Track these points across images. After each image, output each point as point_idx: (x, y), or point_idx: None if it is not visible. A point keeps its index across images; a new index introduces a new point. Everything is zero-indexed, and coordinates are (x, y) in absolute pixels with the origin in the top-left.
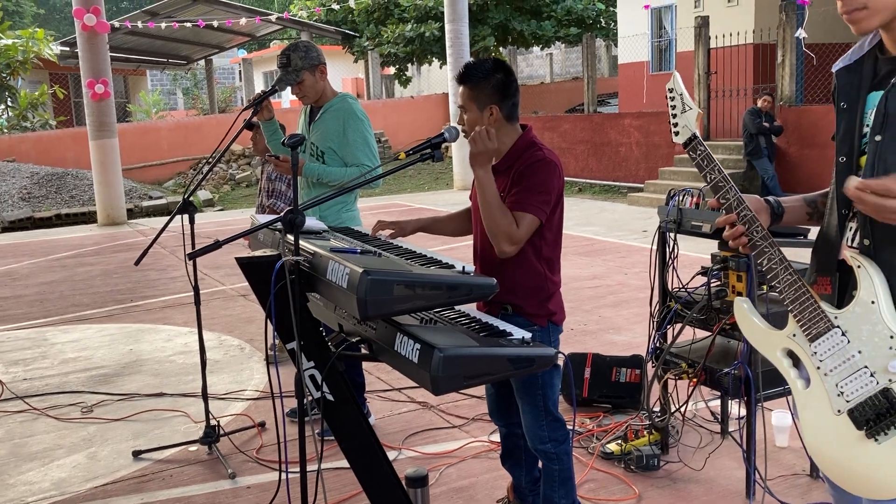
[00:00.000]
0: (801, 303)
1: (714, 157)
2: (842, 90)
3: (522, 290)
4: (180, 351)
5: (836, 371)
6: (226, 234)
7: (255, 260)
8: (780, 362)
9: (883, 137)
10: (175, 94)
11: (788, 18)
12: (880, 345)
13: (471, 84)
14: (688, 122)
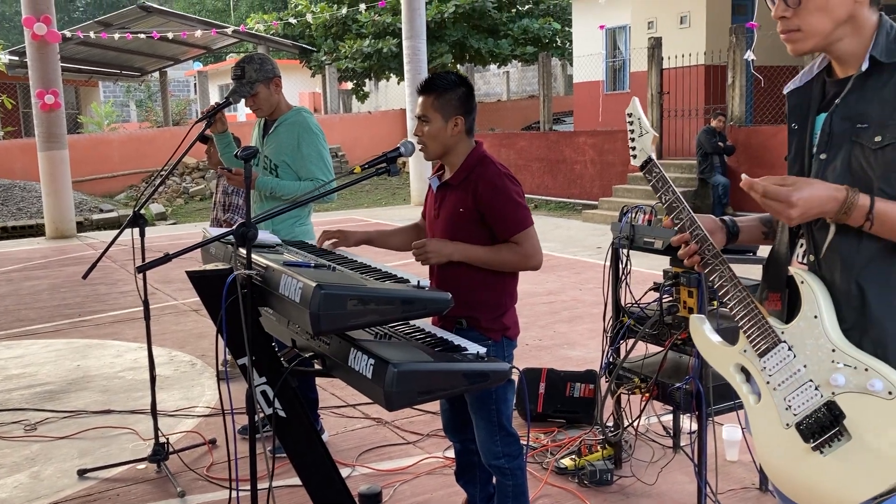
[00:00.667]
0: (750, 319)
1: (668, 179)
2: (793, 111)
3: (479, 304)
4: (129, 367)
5: (783, 385)
6: (178, 248)
7: (206, 274)
8: (733, 378)
9: (827, 156)
10: (128, 106)
11: (738, 41)
12: (823, 358)
13: (436, 93)
14: (644, 145)
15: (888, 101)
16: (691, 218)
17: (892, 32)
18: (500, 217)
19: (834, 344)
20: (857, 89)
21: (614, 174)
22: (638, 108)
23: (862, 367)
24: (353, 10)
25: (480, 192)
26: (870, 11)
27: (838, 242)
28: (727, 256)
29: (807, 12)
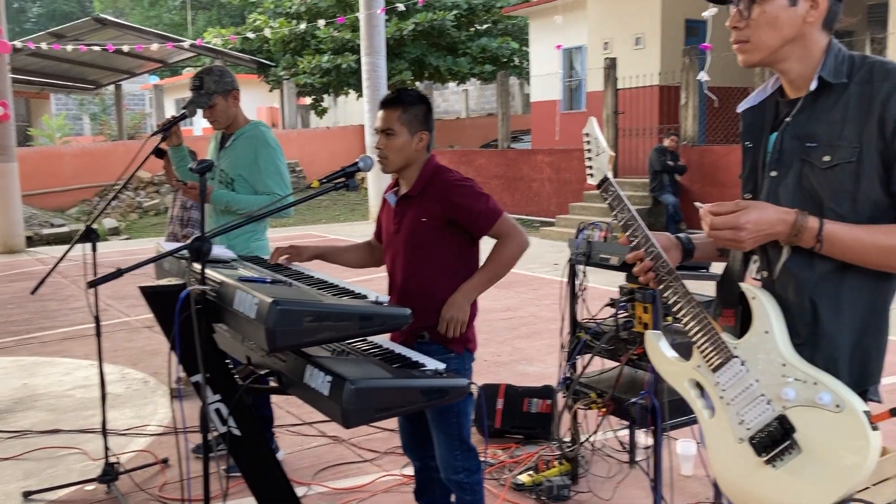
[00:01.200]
0: (704, 334)
1: (624, 197)
2: (747, 129)
3: None
4: (79, 385)
5: (737, 400)
6: (131, 263)
7: (159, 289)
8: (688, 393)
9: (778, 174)
10: (81, 120)
11: (691, 62)
12: (774, 373)
13: (403, 107)
14: (601, 164)
15: (836, 122)
16: (646, 235)
17: (840, 55)
18: (475, 213)
19: (784, 358)
20: (806, 109)
21: (571, 192)
22: (595, 128)
23: (811, 381)
24: (312, 25)
25: (452, 197)
26: (820, 34)
27: (792, 260)
28: (681, 273)
29: (757, 25)
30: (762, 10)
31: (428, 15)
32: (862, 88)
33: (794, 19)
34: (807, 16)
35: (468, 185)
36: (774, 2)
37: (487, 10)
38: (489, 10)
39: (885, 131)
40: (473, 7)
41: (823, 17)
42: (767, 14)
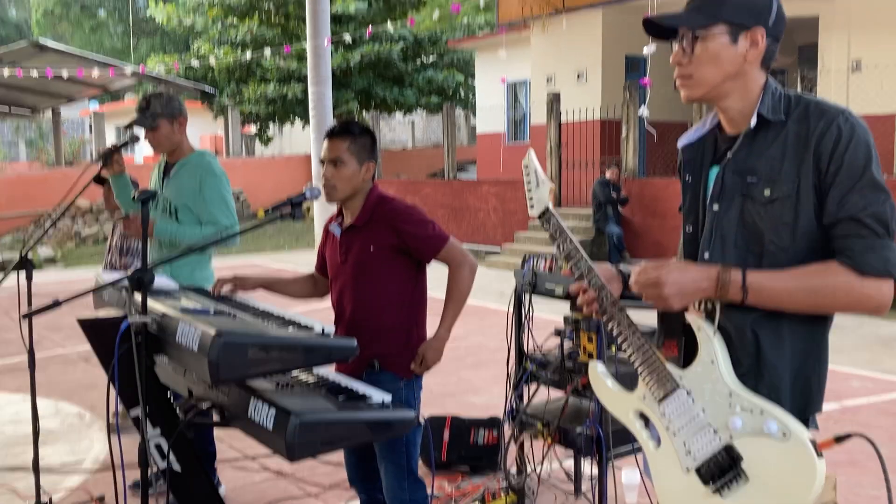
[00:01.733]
0: (649, 365)
1: (565, 228)
2: (687, 164)
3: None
4: (10, 420)
5: (683, 430)
6: (68, 294)
7: (98, 321)
8: (633, 424)
9: (720, 207)
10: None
11: (631, 97)
12: (721, 402)
13: (352, 138)
14: (541, 196)
15: (776, 157)
16: (588, 266)
17: (776, 93)
18: (421, 239)
19: (730, 388)
20: (746, 145)
21: (516, 222)
22: (534, 160)
23: (757, 410)
24: (258, 54)
25: (397, 224)
26: (759, 73)
27: None
28: (625, 303)
29: (700, 62)
30: (704, 48)
31: (375, 46)
32: (799, 126)
33: (735, 57)
34: (747, 54)
35: (413, 212)
36: (716, 39)
37: (434, 43)
38: (435, 43)
39: (819, 165)
40: (420, 40)
41: (762, 55)
42: (709, 51)
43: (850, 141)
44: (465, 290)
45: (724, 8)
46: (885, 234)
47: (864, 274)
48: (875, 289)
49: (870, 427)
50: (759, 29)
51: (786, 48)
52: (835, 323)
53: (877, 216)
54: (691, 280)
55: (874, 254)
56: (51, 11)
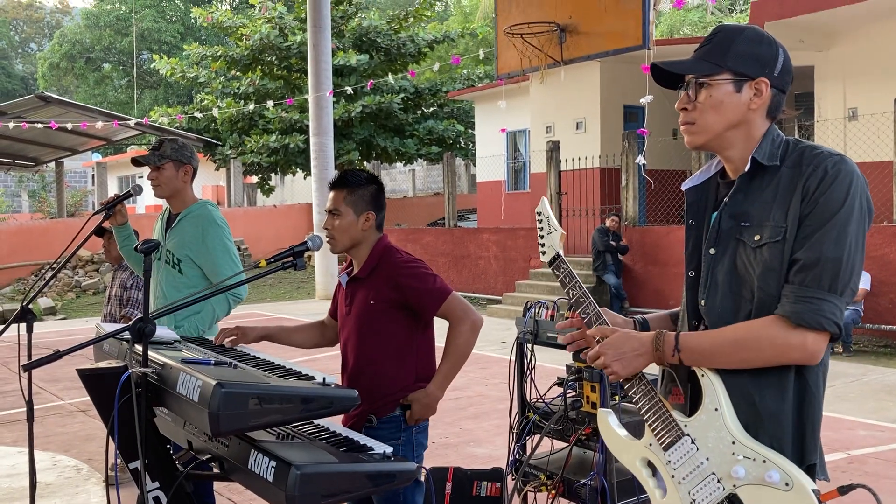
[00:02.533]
0: (655, 412)
1: (575, 274)
2: (690, 208)
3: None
4: (6, 474)
5: (688, 479)
6: (68, 345)
7: (98, 371)
8: (640, 472)
9: (716, 252)
10: (20, 197)
11: (630, 146)
12: (724, 451)
13: (349, 189)
14: (553, 242)
15: (767, 202)
16: (597, 312)
17: (777, 139)
18: (422, 293)
19: (734, 436)
20: (741, 189)
21: (517, 270)
22: (547, 208)
23: (760, 459)
24: (260, 106)
25: (399, 280)
26: (763, 122)
27: None
28: None
29: (703, 109)
30: (709, 95)
31: (376, 98)
32: (792, 171)
33: (738, 105)
34: (750, 103)
35: (415, 266)
36: (720, 88)
37: (434, 93)
38: (435, 94)
39: (802, 208)
40: (420, 91)
41: (767, 105)
42: (713, 99)
43: (833, 182)
44: (463, 348)
45: (728, 57)
46: (829, 289)
47: (795, 325)
48: (799, 340)
49: (878, 477)
50: (763, 79)
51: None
52: (839, 370)
53: (827, 268)
54: (631, 348)
55: (808, 305)
56: (56, 65)
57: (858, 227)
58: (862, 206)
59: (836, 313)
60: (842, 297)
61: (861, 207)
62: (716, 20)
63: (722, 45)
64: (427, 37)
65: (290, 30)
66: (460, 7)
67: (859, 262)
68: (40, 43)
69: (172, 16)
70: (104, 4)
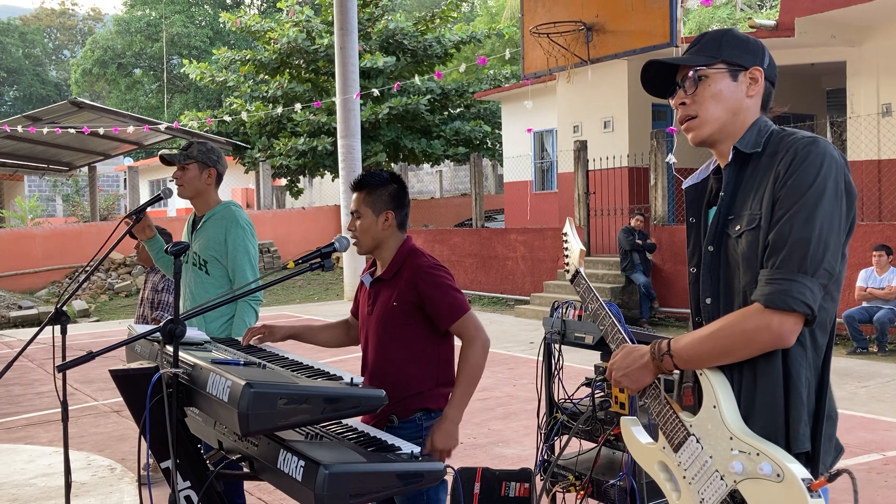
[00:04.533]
0: (664, 415)
1: (593, 289)
2: (690, 205)
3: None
4: (43, 473)
5: (697, 479)
6: (101, 346)
7: (130, 372)
8: (657, 475)
9: (713, 249)
10: (54, 201)
11: (659, 145)
12: (724, 447)
13: (367, 189)
14: (573, 259)
15: (747, 192)
16: (612, 323)
17: (764, 129)
18: (439, 305)
19: (731, 431)
20: (730, 183)
21: (545, 270)
22: (571, 228)
23: (754, 452)
24: (289, 109)
25: (418, 284)
26: (757, 113)
27: None
28: None
29: (703, 99)
30: (707, 86)
31: (402, 99)
32: (769, 159)
33: (736, 92)
34: (748, 90)
35: (438, 275)
36: (718, 78)
37: (460, 94)
38: (462, 95)
39: (774, 192)
40: (447, 92)
41: (761, 96)
42: (711, 88)
43: (802, 164)
44: (477, 369)
45: (722, 49)
46: (798, 269)
47: (765, 307)
48: (764, 322)
49: None
50: (756, 68)
51: (813, 93)
52: (874, 370)
53: (796, 249)
54: (632, 361)
55: (776, 286)
56: (89, 71)
57: (832, 207)
58: (838, 186)
59: (806, 293)
60: (814, 278)
61: (837, 187)
62: (745, 16)
63: (712, 42)
64: (453, 38)
65: (317, 33)
66: (486, 8)
67: (834, 241)
68: (73, 50)
69: (202, 21)
70: (135, 11)
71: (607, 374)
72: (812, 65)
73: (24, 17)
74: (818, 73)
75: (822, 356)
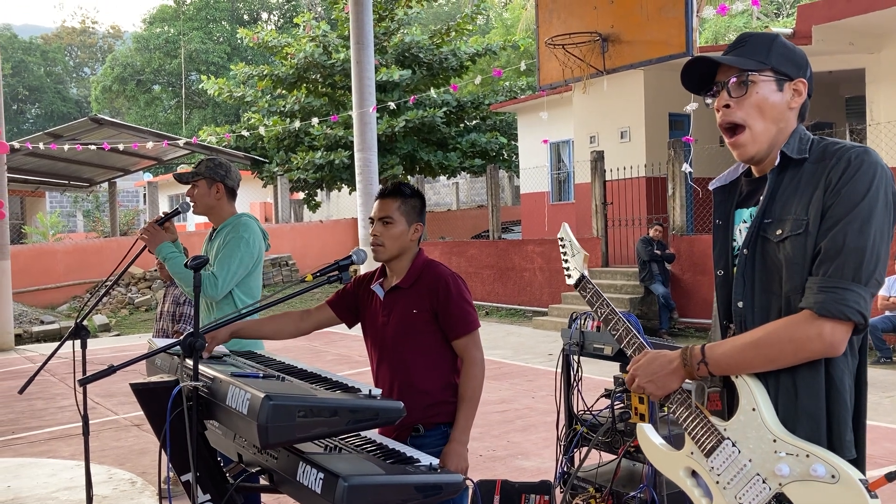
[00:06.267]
0: (693, 419)
1: (602, 293)
2: (717, 207)
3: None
4: (65, 486)
5: (733, 483)
6: (121, 360)
7: (151, 385)
8: (684, 482)
9: (749, 252)
10: (75, 217)
11: (676, 154)
12: (766, 450)
13: (403, 198)
14: (577, 264)
15: (789, 197)
16: (626, 327)
17: (804, 137)
18: (452, 316)
19: (774, 434)
20: (771, 186)
21: (562, 281)
22: (568, 232)
23: (803, 454)
24: (306, 123)
25: (439, 291)
26: (796, 122)
27: None
28: None
29: (748, 106)
30: (755, 91)
31: (418, 112)
32: (814, 166)
33: (781, 104)
34: (791, 101)
35: (458, 285)
36: (766, 85)
37: (476, 106)
38: (478, 107)
39: (825, 200)
40: (463, 104)
41: (800, 107)
42: (759, 96)
43: (856, 173)
44: (480, 390)
45: (771, 56)
46: (853, 279)
47: (819, 316)
48: (816, 330)
49: None
50: (801, 80)
51: (832, 101)
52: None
53: (850, 258)
54: (659, 366)
55: (831, 294)
56: (108, 88)
57: (883, 218)
58: (887, 198)
59: (861, 303)
60: (867, 287)
61: (886, 199)
62: (761, 25)
63: (761, 46)
64: (469, 50)
65: (333, 48)
66: (501, 20)
67: (885, 252)
68: (93, 67)
69: (219, 37)
70: (153, 28)
71: (628, 379)
72: (830, 72)
73: (46, 36)
74: (836, 80)
75: (857, 361)
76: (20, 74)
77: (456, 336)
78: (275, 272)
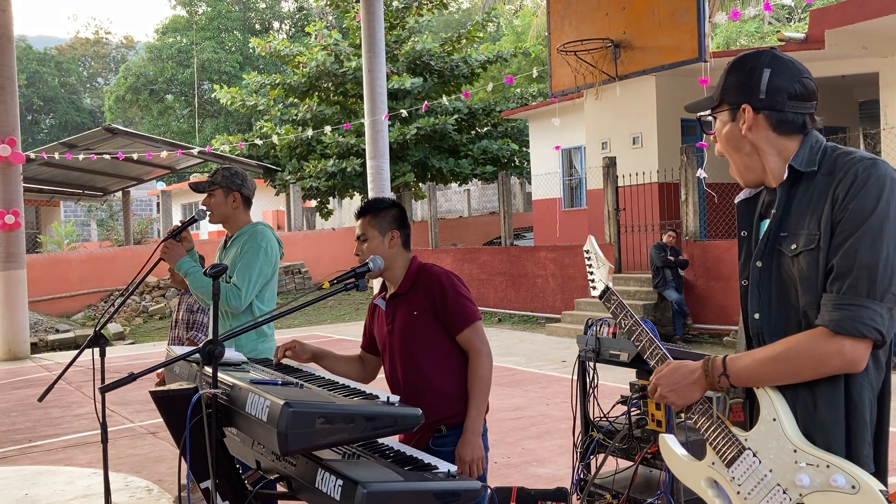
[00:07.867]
0: (715, 430)
1: (626, 305)
2: (741, 219)
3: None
4: (82, 494)
5: (753, 493)
6: (137, 368)
7: (170, 393)
8: (705, 492)
9: (763, 264)
10: (89, 226)
11: (689, 160)
12: (787, 460)
13: (371, 213)
14: (602, 276)
15: (803, 210)
16: (650, 338)
17: (816, 145)
18: (452, 312)
19: (795, 444)
20: (783, 199)
21: (575, 287)
22: (594, 245)
23: (823, 464)
24: (318, 131)
25: (433, 288)
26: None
27: None
28: None
29: (719, 140)
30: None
31: (430, 119)
32: (826, 178)
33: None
34: (742, 129)
35: (452, 280)
36: (721, 120)
37: (487, 113)
38: (489, 114)
39: (833, 214)
40: (474, 111)
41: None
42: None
43: (864, 188)
44: (488, 381)
45: (722, 90)
46: (867, 295)
47: (835, 334)
48: (836, 348)
49: None
50: (744, 106)
51: (845, 105)
52: None
53: (863, 274)
54: (682, 376)
55: (846, 312)
56: (122, 97)
57: (895, 231)
58: None
59: (877, 319)
60: (882, 303)
61: None
62: (773, 30)
63: (722, 78)
64: (480, 58)
65: (345, 56)
66: (512, 27)
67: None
68: (107, 77)
69: (231, 46)
70: (166, 38)
71: (650, 389)
72: (843, 77)
73: (60, 47)
74: (850, 84)
75: (882, 375)
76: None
77: (458, 330)
78: (287, 280)
